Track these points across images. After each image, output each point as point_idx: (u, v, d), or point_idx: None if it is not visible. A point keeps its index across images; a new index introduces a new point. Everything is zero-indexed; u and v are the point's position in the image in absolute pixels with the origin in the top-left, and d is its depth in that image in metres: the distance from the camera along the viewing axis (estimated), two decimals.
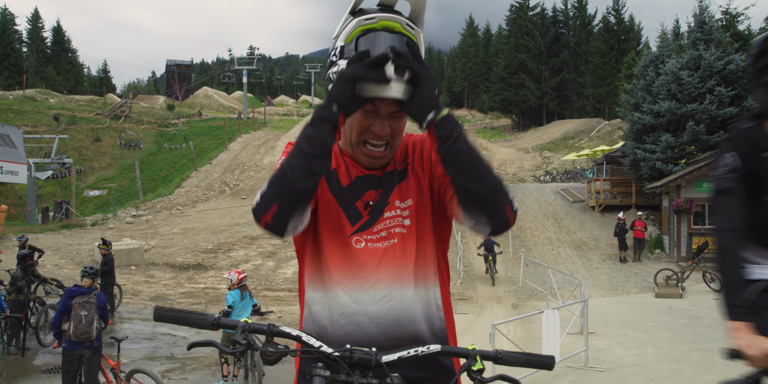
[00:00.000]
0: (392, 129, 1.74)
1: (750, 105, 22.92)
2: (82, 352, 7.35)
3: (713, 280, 16.86)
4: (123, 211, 31.75)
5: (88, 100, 64.89)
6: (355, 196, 1.81)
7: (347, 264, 1.72)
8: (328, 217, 1.78)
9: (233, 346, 1.43)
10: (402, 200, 1.81)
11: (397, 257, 1.73)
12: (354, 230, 1.76)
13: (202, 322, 1.46)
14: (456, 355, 1.54)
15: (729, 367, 9.07)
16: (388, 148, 1.78)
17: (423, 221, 1.81)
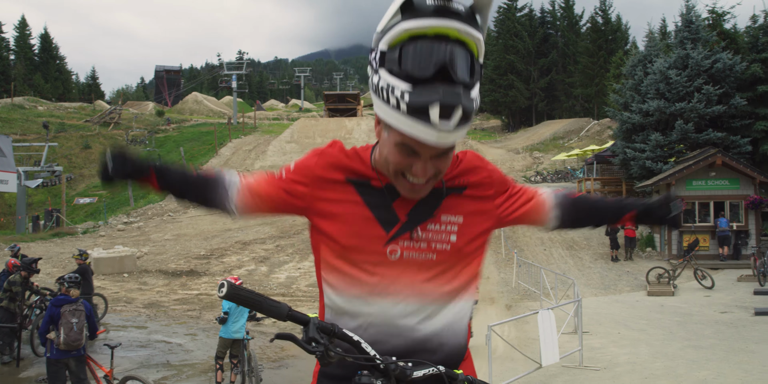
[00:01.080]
0: (437, 168, 1.58)
1: (738, 103, 23.10)
2: (68, 361, 7.35)
3: (704, 277, 16.98)
4: (114, 218, 31.62)
5: (77, 107, 64.60)
6: (393, 197, 1.68)
7: (378, 275, 1.64)
8: (358, 224, 1.67)
9: (309, 344, 1.37)
10: (452, 214, 1.70)
11: (433, 273, 1.66)
12: (389, 238, 1.65)
13: (276, 311, 1.39)
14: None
15: (722, 364, 9.17)
16: (432, 179, 1.62)
17: (470, 241, 1.72)
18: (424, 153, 1.52)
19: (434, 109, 1.40)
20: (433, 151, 1.52)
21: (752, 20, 26.04)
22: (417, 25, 1.43)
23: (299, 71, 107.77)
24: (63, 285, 7.67)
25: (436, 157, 1.55)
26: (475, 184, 1.77)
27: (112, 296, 16.85)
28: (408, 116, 1.44)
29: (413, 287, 1.63)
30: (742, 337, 11.15)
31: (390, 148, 1.56)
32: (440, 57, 1.41)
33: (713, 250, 20.71)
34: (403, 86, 1.43)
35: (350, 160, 1.75)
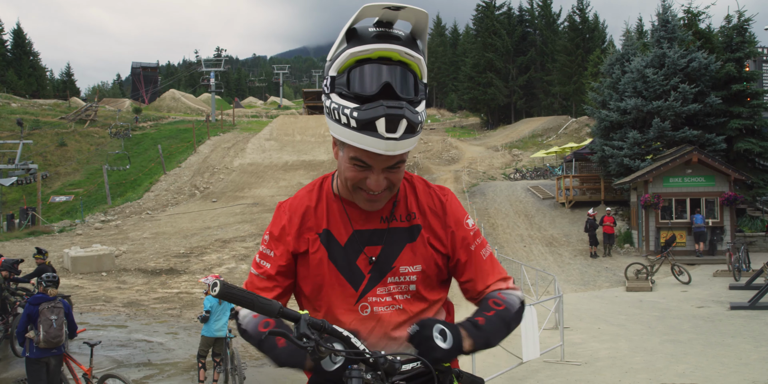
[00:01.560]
0: (390, 181, 1.69)
1: (713, 102, 23.45)
2: (49, 360, 7.27)
3: (681, 273, 17.22)
4: (91, 216, 31.30)
5: (52, 104, 63.67)
6: (355, 254, 1.78)
7: (355, 329, 1.70)
8: (330, 284, 1.78)
9: (301, 339, 1.42)
10: (410, 264, 1.79)
11: (402, 319, 1.77)
12: (359, 295, 1.76)
13: (267, 309, 1.44)
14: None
15: (700, 358, 9.33)
16: (387, 192, 1.73)
17: (430, 285, 1.82)
18: (376, 165, 1.63)
19: (380, 122, 1.51)
20: (384, 163, 1.62)
21: (726, 20, 26.40)
22: (361, 50, 1.55)
23: (278, 68, 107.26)
24: (41, 284, 7.58)
25: (388, 169, 1.65)
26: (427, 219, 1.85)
27: (91, 295, 16.70)
28: (358, 131, 1.54)
29: (386, 337, 1.76)
30: (719, 331, 11.34)
31: (345, 165, 1.67)
32: (384, 76, 1.54)
33: (690, 246, 21.02)
34: (352, 105, 1.54)
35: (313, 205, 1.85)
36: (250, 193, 34.45)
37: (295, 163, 40.80)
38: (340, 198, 1.82)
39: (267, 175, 38.21)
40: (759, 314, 12.61)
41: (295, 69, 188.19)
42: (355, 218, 1.80)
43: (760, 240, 22.07)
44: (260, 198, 32.67)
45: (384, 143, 1.54)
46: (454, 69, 77.92)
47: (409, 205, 1.84)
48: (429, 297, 1.82)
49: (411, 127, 1.55)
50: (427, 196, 1.87)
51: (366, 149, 1.57)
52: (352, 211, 1.80)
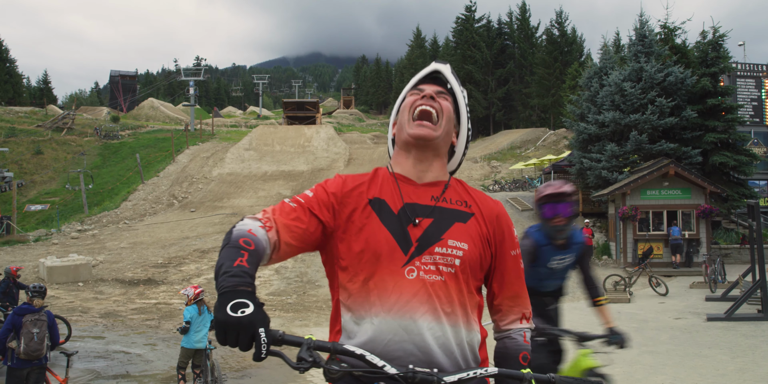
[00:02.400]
0: (440, 105, 1.94)
1: (689, 115, 23.85)
2: (30, 370, 7.21)
3: (658, 284, 17.41)
4: (67, 225, 30.90)
5: (29, 111, 62.90)
6: (407, 222, 1.84)
7: (397, 292, 1.74)
8: (380, 247, 1.80)
9: (299, 362, 1.43)
10: (458, 240, 1.84)
11: (443, 294, 1.77)
12: (407, 260, 1.78)
13: (270, 336, 1.42)
14: (512, 377, 1.64)
15: (678, 369, 9.43)
16: (437, 124, 1.92)
17: (472, 267, 1.85)
18: (427, 89, 1.96)
19: (432, 63, 2.06)
20: (433, 87, 1.97)
21: (702, 36, 26.93)
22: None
23: (257, 78, 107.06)
24: (27, 294, 7.52)
25: (436, 93, 1.95)
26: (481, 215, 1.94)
27: (67, 306, 16.46)
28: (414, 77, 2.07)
29: (429, 304, 1.74)
30: (696, 343, 11.47)
31: (406, 102, 1.98)
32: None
33: (666, 257, 21.27)
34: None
35: (367, 179, 1.97)
36: (228, 203, 34.26)
37: (275, 174, 40.68)
38: (395, 176, 1.95)
39: (246, 185, 38.04)
40: (735, 325, 12.78)
41: (275, 79, 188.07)
42: (408, 192, 1.90)
43: (735, 252, 22.41)
44: (239, 208, 32.50)
45: (434, 64, 2.05)
46: None
47: (461, 194, 1.96)
48: (469, 283, 1.84)
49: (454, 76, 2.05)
50: (482, 197, 1.99)
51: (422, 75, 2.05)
52: (405, 186, 1.91)
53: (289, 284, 19.11)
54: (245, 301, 1.41)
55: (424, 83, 2.00)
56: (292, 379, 9.44)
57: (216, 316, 1.40)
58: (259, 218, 1.79)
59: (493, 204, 1.98)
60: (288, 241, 1.78)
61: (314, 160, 43.42)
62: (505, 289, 1.96)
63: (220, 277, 1.50)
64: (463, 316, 1.79)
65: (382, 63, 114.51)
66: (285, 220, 1.80)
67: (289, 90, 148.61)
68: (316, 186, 1.95)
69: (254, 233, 1.69)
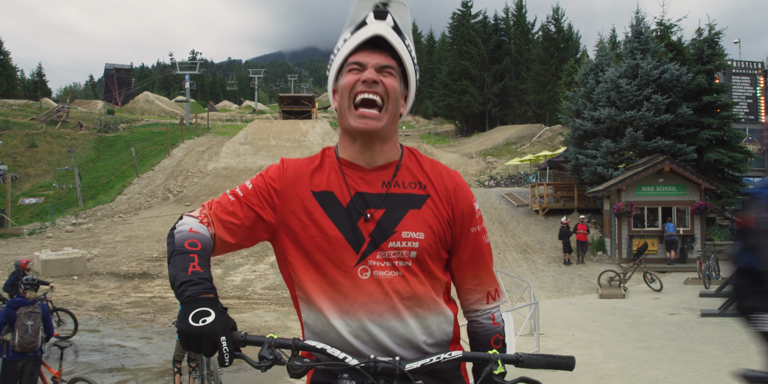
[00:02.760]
0: (383, 82, 1.72)
1: (684, 112, 23.90)
2: (25, 362, 7.24)
3: (653, 280, 17.48)
4: (62, 219, 30.80)
5: (23, 104, 62.60)
6: (357, 216, 1.73)
7: (353, 295, 1.68)
8: (329, 247, 1.71)
9: (261, 361, 1.45)
10: (412, 230, 1.73)
11: (401, 289, 1.69)
12: (359, 258, 1.70)
13: (234, 338, 1.46)
14: (478, 360, 1.60)
15: (672, 364, 9.48)
16: (382, 110, 1.73)
17: (431, 256, 1.75)
18: (370, 61, 1.72)
19: (370, 16, 1.75)
20: (376, 59, 1.73)
21: (697, 33, 26.97)
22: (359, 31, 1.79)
23: (253, 72, 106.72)
24: (20, 287, 7.53)
25: (380, 69, 1.73)
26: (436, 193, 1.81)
27: (62, 299, 16.43)
28: (352, 36, 1.75)
29: (386, 304, 1.67)
30: (690, 338, 11.53)
31: (342, 83, 1.75)
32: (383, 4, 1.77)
33: (661, 253, 21.35)
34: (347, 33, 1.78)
35: (313, 167, 1.84)
36: None
37: None
38: (341, 161, 1.81)
39: (241, 180, 37.94)
40: (729, 321, 12.84)
41: (271, 73, 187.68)
42: (356, 181, 1.77)
43: (729, 248, 22.49)
44: None
45: (373, 26, 1.72)
46: (430, 76, 78.32)
47: (415, 174, 1.82)
48: (430, 270, 1.75)
49: (398, 28, 1.75)
50: (437, 171, 1.85)
51: (359, 41, 1.73)
52: (353, 174, 1.78)
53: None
54: (207, 310, 1.44)
55: (364, 50, 1.74)
56: (286, 372, 9.45)
57: (178, 325, 1.43)
58: (195, 216, 1.76)
59: (449, 178, 1.84)
60: (222, 237, 1.73)
61: (310, 154, 43.23)
62: (466, 269, 1.85)
63: (180, 288, 1.50)
64: (427, 304, 1.72)
65: None
66: (221, 214, 1.75)
67: (285, 84, 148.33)
68: (257, 175, 1.85)
69: (196, 231, 1.67)
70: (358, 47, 1.73)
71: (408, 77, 1.79)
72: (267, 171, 1.84)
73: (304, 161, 1.86)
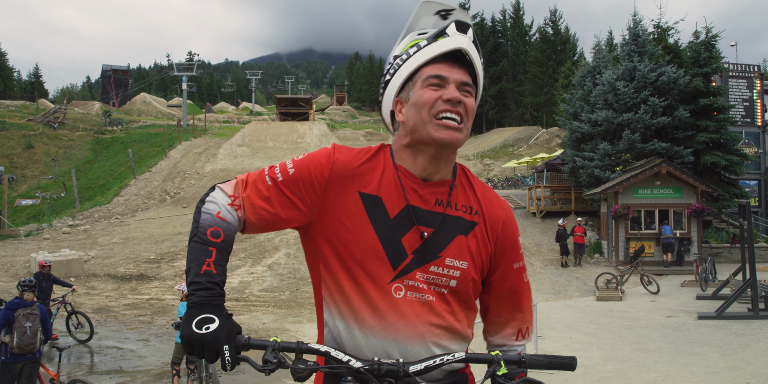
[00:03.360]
0: (464, 105, 1.63)
1: (681, 115, 23.98)
2: (24, 364, 7.24)
3: (650, 283, 17.52)
4: (59, 220, 30.75)
5: (19, 105, 62.45)
6: (404, 230, 1.64)
7: (382, 312, 1.61)
8: (365, 257, 1.63)
9: (265, 364, 1.45)
10: (456, 259, 1.66)
11: (434, 316, 1.63)
12: (395, 275, 1.62)
13: (238, 343, 1.47)
14: (481, 361, 1.57)
15: (670, 366, 9.50)
16: (463, 124, 1.63)
17: (468, 287, 1.69)
18: (452, 76, 1.63)
19: (451, 27, 1.64)
20: (459, 74, 1.64)
21: (695, 36, 27.08)
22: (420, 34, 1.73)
23: (251, 74, 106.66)
24: (18, 288, 7.53)
25: (461, 85, 1.64)
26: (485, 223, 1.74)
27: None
28: (428, 46, 1.64)
29: (415, 328, 1.61)
30: (687, 341, 11.56)
31: (420, 94, 1.63)
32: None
33: (658, 256, 21.41)
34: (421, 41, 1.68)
35: (367, 166, 1.71)
36: None
37: None
38: (398, 168, 1.69)
39: None
40: (726, 324, 12.89)
41: (268, 75, 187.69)
42: (411, 193, 1.66)
43: (726, 251, 22.57)
44: None
45: (457, 39, 1.63)
46: None
47: (468, 196, 1.74)
48: (465, 301, 1.69)
49: (476, 43, 1.67)
50: (489, 199, 1.77)
51: (441, 52, 1.62)
52: (410, 185, 1.67)
53: (282, 280, 19.11)
54: (211, 317, 1.44)
55: (443, 63, 1.64)
56: (286, 375, 9.45)
57: (182, 330, 1.44)
58: (228, 193, 1.68)
59: (500, 209, 1.76)
60: (251, 222, 1.67)
61: None
62: (503, 304, 1.79)
63: (190, 287, 1.50)
64: (452, 334, 1.66)
65: (375, 60, 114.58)
66: (254, 199, 1.67)
67: (282, 86, 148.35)
68: (303, 158, 1.72)
69: (223, 217, 1.61)
70: (437, 59, 1.64)
71: (477, 96, 1.71)
72: (315, 157, 1.71)
73: (358, 154, 1.73)
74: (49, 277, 12.20)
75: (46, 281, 12.13)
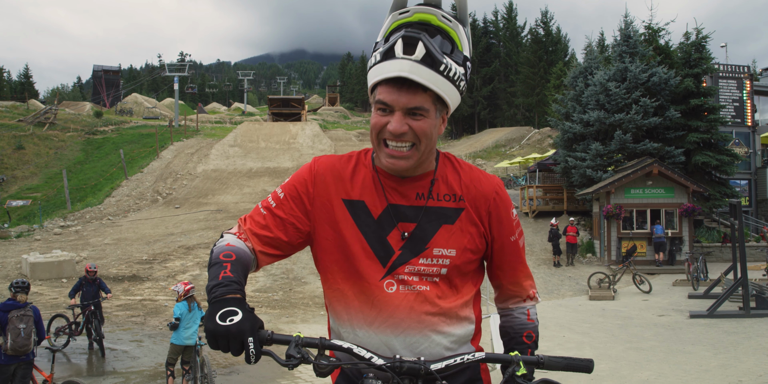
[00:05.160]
0: (412, 127, 1.61)
1: (672, 115, 24.10)
2: (17, 365, 7.22)
3: (642, 282, 17.60)
4: (50, 221, 30.59)
5: (10, 106, 62.07)
6: (388, 229, 1.71)
7: (377, 308, 1.68)
8: (355, 258, 1.71)
9: (288, 359, 1.47)
10: (444, 247, 1.71)
11: (428, 304, 1.69)
12: (386, 272, 1.69)
13: (261, 337, 1.48)
14: (500, 361, 1.61)
15: (662, 365, 9.55)
16: (414, 149, 1.64)
17: (461, 272, 1.75)
18: (396, 104, 1.58)
19: (398, 45, 1.54)
20: (403, 101, 1.58)
21: (685, 37, 27.23)
22: (402, 13, 1.62)
23: (242, 74, 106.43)
24: (10, 290, 7.49)
25: (410, 114, 1.60)
26: (473, 204, 1.78)
27: (51, 302, 16.33)
28: (379, 64, 1.59)
29: (411, 320, 1.67)
30: (679, 339, 11.63)
31: (372, 116, 1.66)
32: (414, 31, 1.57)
33: (650, 255, 21.51)
34: (379, 50, 1.61)
35: (348, 173, 1.79)
36: (213, 199, 34.10)
37: (260, 170, 40.55)
38: (377, 170, 1.76)
39: (231, 182, 37.88)
40: (717, 322, 12.97)
41: (260, 75, 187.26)
42: (391, 192, 1.73)
43: (717, 250, 22.70)
44: (224, 204, 32.36)
45: (399, 63, 1.54)
46: None
47: (451, 184, 1.77)
48: (459, 285, 1.75)
49: (430, 57, 1.54)
50: (475, 178, 1.80)
51: (384, 77, 1.57)
52: (388, 184, 1.74)
53: (275, 281, 19.08)
54: (234, 309, 1.45)
55: (391, 86, 1.59)
56: (280, 375, 9.45)
57: (206, 325, 1.45)
58: (233, 232, 1.79)
59: (489, 185, 1.79)
60: (262, 250, 1.76)
61: (299, 156, 43.27)
62: (507, 275, 1.87)
63: (210, 292, 1.53)
64: (450, 319, 1.72)
65: (367, 60, 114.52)
66: (255, 229, 1.77)
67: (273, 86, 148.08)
68: (288, 181, 1.82)
69: (233, 244, 1.69)
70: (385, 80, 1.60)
71: (448, 105, 1.66)
72: (299, 174, 1.82)
73: (339, 161, 1.82)
74: (94, 282, 11.72)
75: (92, 285, 11.68)
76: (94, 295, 11.67)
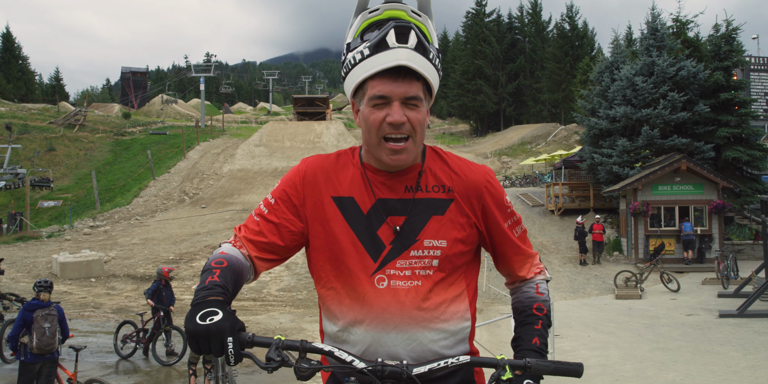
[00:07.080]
0: (410, 120, 1.63)
1: (701, 110, 23.67)
2: (42, 364, 7.36)
3: (670, 280, 17.32)
4: (80, 222, 31.09)
5: (41, 108, 63.28)
6: (378, 223, 1.71)
7: (368, 304, 1.68)
8: (346, 255, 1.71)
9: (268, 362, 1.46)
10: (435, 238, 1.71)
11: (420, 299, 1.68)
12: (377, 267, 1.69)
13: (242, 339, 1.47)
14: (485, 365, 1.58)
15: (689, 365, 9.37)
16: (410, 141, 1.66)
17: (453, 262, 1.74)
18: (394, 95, 1.60)
19: (390, 35, 1.56)
20: (401, 90, 1.60)
21: (714, 29, 26.69)
22: (372, 12, 1.64)
23: (267, 74, 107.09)
24: (34, 289, 7.63)
25: (407, 104, 1.62)
26: (463, 194, 1.77)
27: (80, 301, 16.60)
28: (370, 57, 1.59)
29: (402, 315, 1.66)
30: (708, 339, 11.41)
31: (366, 112, 1.65)
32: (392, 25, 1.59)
33: (678, 253, 21.15)
34: (364, 45, 1.60)
35: (334, 172, 1.80)
36: (239, 199, 34.35)
37: (285, 170, 40.75)
38: (365, 166, 1.77)
39: (256, 181, 38.12)
40: (748, 322, 12.70)
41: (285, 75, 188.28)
42: (379, 186, 1.74)
43: (748, 248, 22.24)
44: (250, 204, 32.57)
45: (394, 53, 1.56)
46: (444, 76, 77.02)
47: (439, 176, 1.77)
48: (452, 275, 1.74)
49: (422, 45, 1.58)
50: (464, 168, 1.81)
51: (382, 68, 1.57)
52: (376, 179, 1.74)
53: (299, 280, 19.16)
54: (214, 310, 1.45)
55: (386, 77, 1.61)
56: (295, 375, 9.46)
57: (186, 326, 1.44)
58: (230, 241, 1.80)
59: (478, 174, 1.80)
60: (259, 256, 1.76)
61: None
62: (511, 261, 1.87)
63: (194, 295, 1.53)
64: (444, 313, 1.70)
65: None
66: (249, 236, 1.77)
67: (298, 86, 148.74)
68: (278, 185, 1.83)
69: (226, 252, 1.70)
70: (380, 72, 1.60)
71: (432, 90, 1.69)
72: (287, 177, 1.83)
73: (327, 161, 1.83)
74: (167, 285, 11.56)
75: (167, 289, 11.49)
76: (169, 299, 11.39)
